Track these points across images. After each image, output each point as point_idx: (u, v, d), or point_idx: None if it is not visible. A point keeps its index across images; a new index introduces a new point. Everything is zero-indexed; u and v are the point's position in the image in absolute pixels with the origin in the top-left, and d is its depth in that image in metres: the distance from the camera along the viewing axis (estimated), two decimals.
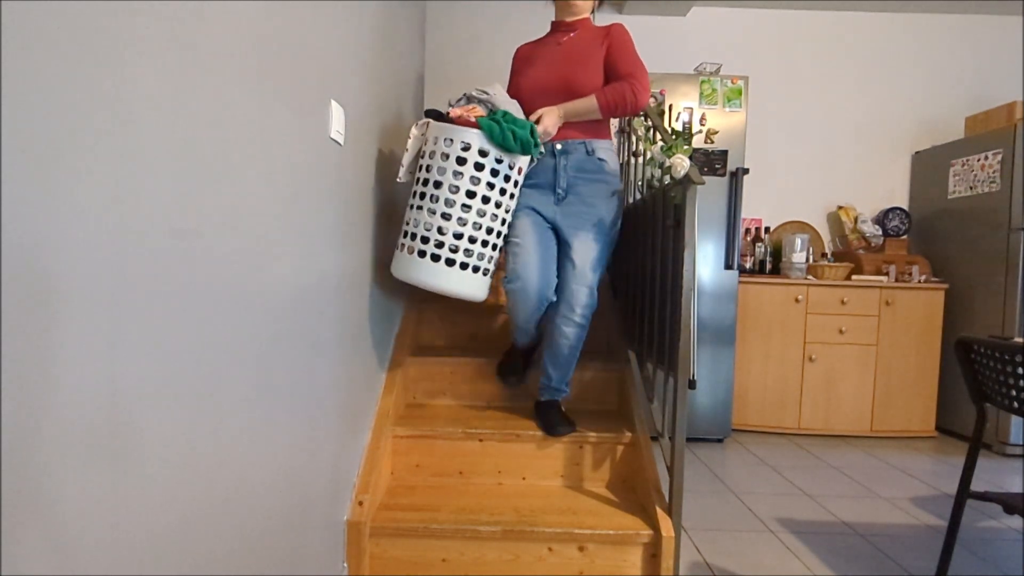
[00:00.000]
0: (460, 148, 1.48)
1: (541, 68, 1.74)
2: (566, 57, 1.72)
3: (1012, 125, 2.85)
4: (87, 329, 0.54)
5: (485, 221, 1.53)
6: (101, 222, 0.55)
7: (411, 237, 1.54)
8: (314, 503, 1.22)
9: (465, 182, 1.48)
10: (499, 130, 1.47)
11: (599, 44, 1.70)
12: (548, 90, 1.70)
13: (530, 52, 1.82)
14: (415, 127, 1.55)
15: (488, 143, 1.48)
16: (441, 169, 1.48)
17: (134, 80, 0.59)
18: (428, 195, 1.50)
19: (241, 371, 0.86)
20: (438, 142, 1.49)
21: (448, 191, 1.48)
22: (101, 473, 0.57)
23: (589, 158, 1.71)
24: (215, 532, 0.80)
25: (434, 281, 1.52)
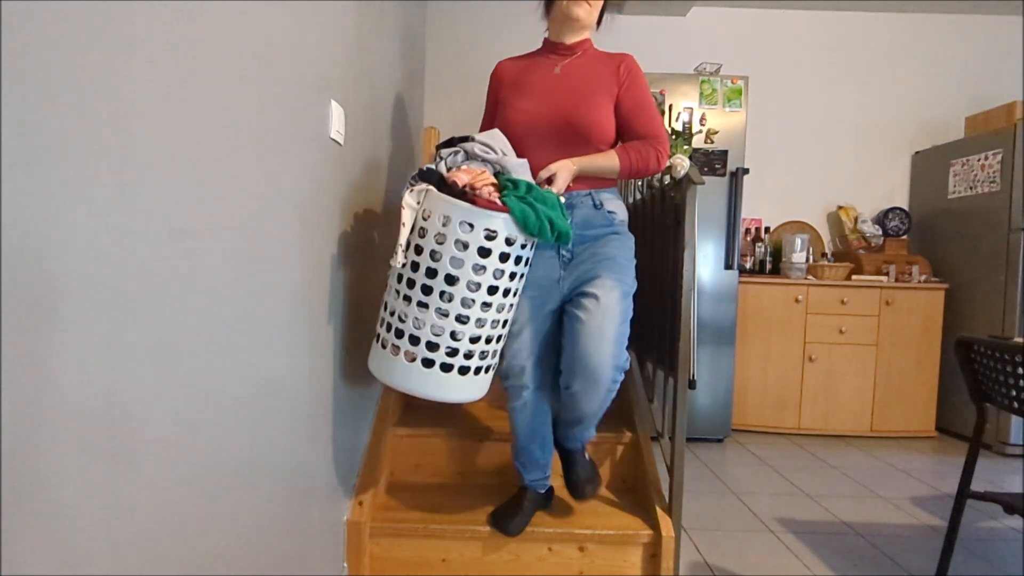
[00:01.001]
0: (483, 236, 1.14)
1: (534, 99, 1.40)
2: (568, 88, 1.40)
3: (1012, 125, 2.85)
4: (87, 329, 0.54)
5: (503, 315, 1.25)
6: (101, 222, 0.55)
7: (409, 340, 1.20)
8: (314, 503, 1.22)
9: (487, 277, 1.16)
10: (535, 218, 1.15)
11: (609, 77, 1.42)
12: (544, 128, 1.39)
13: (518, 76, 1.47)
14: (408, 194, 1.18)
15: (518, 231, 1.16)
16: (456, 261, 1.14)
17: (134, 80, 0.59)
18: (437, 291, 1.17)
19: (241, 371, 0.86)
20: (450, 224, 1.14)
21: (466, 288, 1.16)
22: (100, 473, 0.57)
23: (597, 212, 1.41)
24: (215, 532, 0.80)
25: (441, 393, 1.23)
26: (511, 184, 1.22)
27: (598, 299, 1.28)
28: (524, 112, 1.41)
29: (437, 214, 1.15)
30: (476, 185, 1.19)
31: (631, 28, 3.44)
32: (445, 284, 1.16)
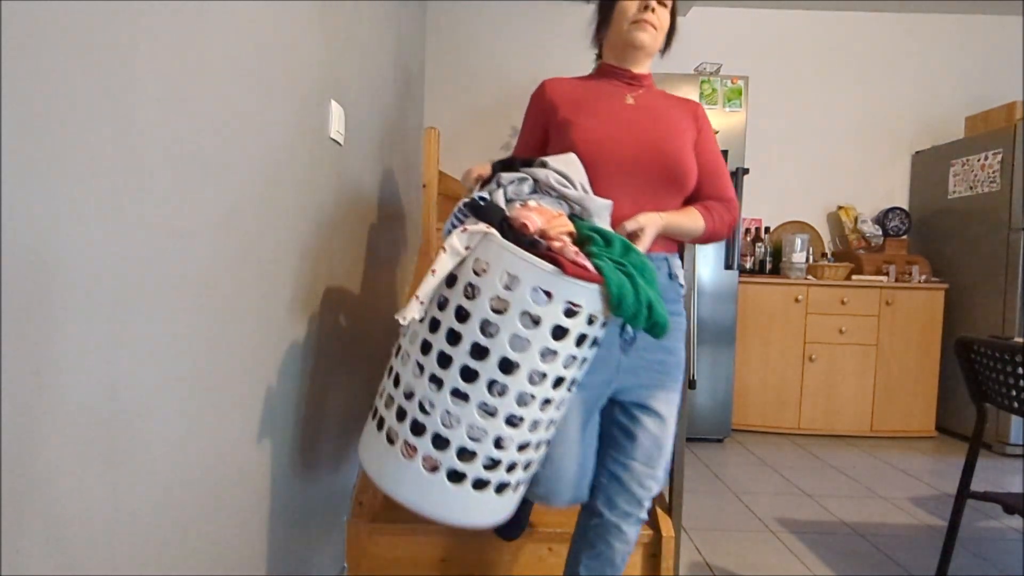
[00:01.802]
0: (563, 311, 0.81)
1: (611, 124, 1.13)
2: (652, 120, 1.16)
3: (1012, 125, 2.85)
4: (87, 329, 0.54)
5: (559, 413, 0.93)
6: (101, 222, 0.55)
7: (434, 441, 0.84)
8: (314, 503, 1.22)
9: (556, 366, 0.84)
10: (633, 298, 0.84)
11: (687, 122, 1.19)
12: (626, 159, 1.10)
13: (579, 96, 1.19)
14: (458, 234, 0.83)
15: (602, 309, 0.84)
16: (519, 341, 0.81)
17: (135, 80, 0.59)
18: (484, 379, 0.82)
19: (241, 371, 0.86)
20: (518, 289, 0.80)
21: (527, 380, 0.82)
22: (101, 473, 0.57)
23: (671, 284, 1.14)
24: (215, 532, 0.80)
25: (467, 517, 0.88)
26: (598, 237, 0.89)
27: (663, 420, 1.08)
28: (600, 136, 1.11)
29: (498, 271, 0.80)
30: (550, 234, 0.86)
31: None
32: (498, 371, 0.81)
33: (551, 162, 1.00)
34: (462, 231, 0.83)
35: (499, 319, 0.80)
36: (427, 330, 0.85)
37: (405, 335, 0.91)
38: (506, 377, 0.82)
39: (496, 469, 0.86)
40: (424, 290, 0.83)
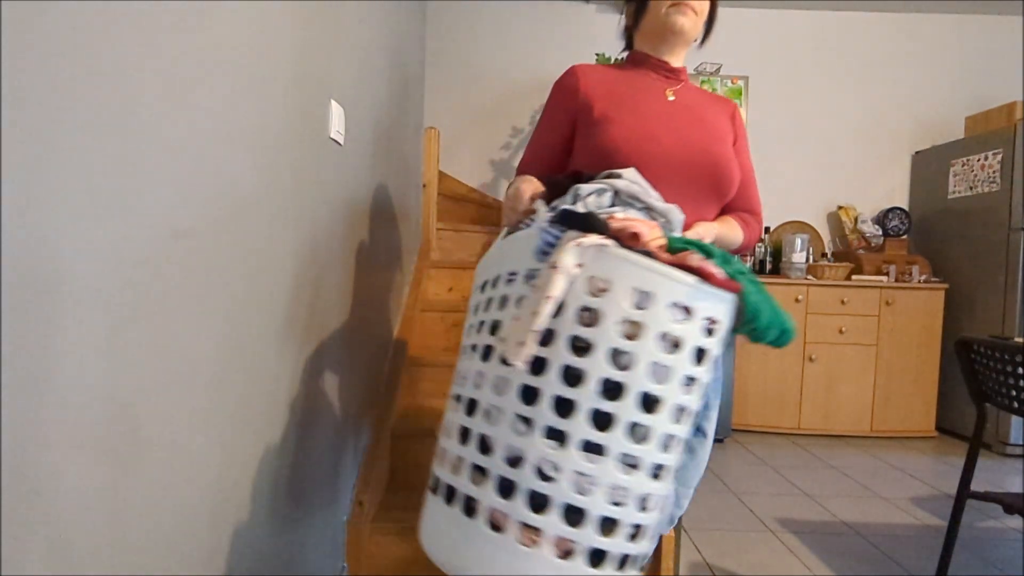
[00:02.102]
0: (703, 330, 0.69)
1: (656, 124, 1.02)
2: (694, 120, 1.06)
3: (1012, 125, 2.85)
4: (87, 329, 0.54)
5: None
6: (101, 222, 0.55)
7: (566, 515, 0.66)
8: (314, 503, 1.22)
9: (694, 397, 0.71)
10: (770, 310, 0.73)
11: (726, 124, 1.12)
12: (672, 162, 1.00)
13: (618, 89, 1.07)
14: (568, 252, 0.68)
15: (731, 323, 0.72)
16: (661, 370, 0.67)
17: (134, 80, 0.59)
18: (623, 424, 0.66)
19: (241, 370, 0.86)
20: (653, 307, 0.66)
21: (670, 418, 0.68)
22: (101, 473, 0.57)
23: None
24: (215, 532, 0.80)
25: None
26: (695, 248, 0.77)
27: (706, 437, 1.03)
28: (643, 136, 0.99)
29: (625, 289, 0.66)
30: (651, 247, 0.76)
31: None
32: (640, 411, 0.66)
33: (626, 174, 0.88)
34: (574, 245, 0.67)
35: (633, 346, 0.65)
36: (527, 374, 0.67)
37: (478, 384, 0.73)
38: (649, 417, 0.67)
39: (638, 539, 0.69)
40: (542, 320, 0.66)
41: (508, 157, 3.47)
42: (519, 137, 3.46)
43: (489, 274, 0.81)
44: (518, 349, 0.66)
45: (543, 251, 0.71)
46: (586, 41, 3.39)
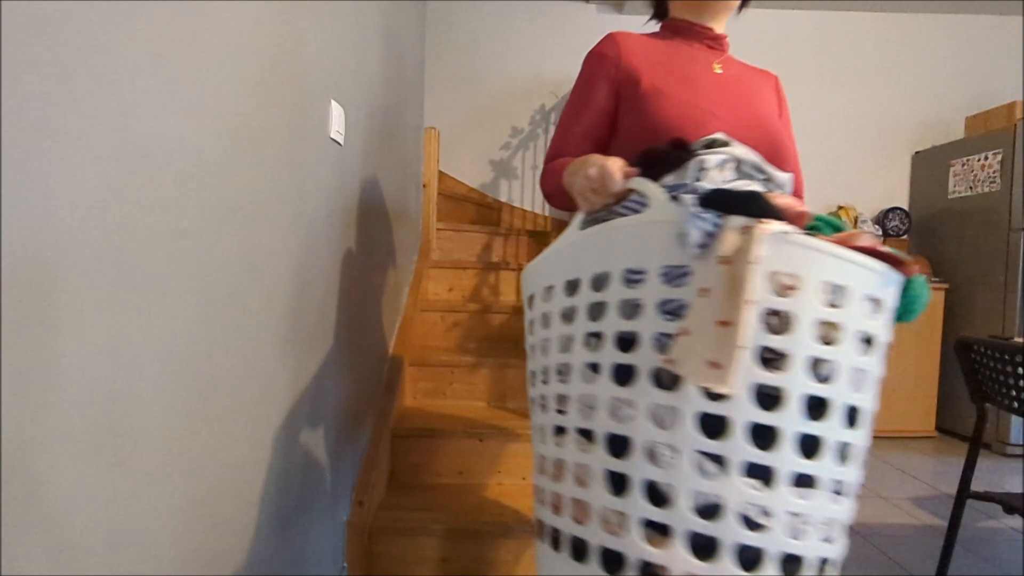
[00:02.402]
0: (888, 321, 0.61)
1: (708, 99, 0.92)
2: (746, 95, 0.97)
3: (1012, 125, 2.85)
4: (87, 329, 0.54)
5: None
6: (101, 221, 0.55)
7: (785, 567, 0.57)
8: (314, 503, 1.22)
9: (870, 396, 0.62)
10: (925, 291, 0.65)
11: (774, 99, 1.03)
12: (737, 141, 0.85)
13: (664, 59, 0.96)
14: (759, 241, 0.55)
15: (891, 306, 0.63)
16: (859, 377, 0.59)
17: (134, 79, 0.59)
18: (833, 449, 0.57)
19: (241, 371, 0.86)
20: (850, 300, 0.57)
21: (865, 427, 0.60)
22: (101, 473, 0.57)
23: None
24: (215, 532, 0.80)
25: None
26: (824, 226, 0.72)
27: None
28: (700, 112, 0.89)
29: (815, 284, 0.55)
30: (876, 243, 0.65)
31: (632, 28, 3.44)
32: (845, 428, 0.57)
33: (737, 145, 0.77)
34: (762, 233, 0.54)
35: (833, 352, 0.55)
36: (704, 399, 0.54)
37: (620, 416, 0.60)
38: (853, 433, 0.57)
39: (828, 569, 0.61)
40: (746, 333, 0.52)
41: (508, 157, 3.47)
42: (519, 137, 3.46)
43: (572, 273, 0.67)
44: (718, 373, 0.52)
45: (701, 243, 0.56)
46: (586, 41, 3.39)
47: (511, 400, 2.01)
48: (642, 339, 0.59)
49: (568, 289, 0.69)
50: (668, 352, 0.56)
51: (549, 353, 0.71)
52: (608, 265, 0.64)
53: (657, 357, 0.57)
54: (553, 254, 0.72)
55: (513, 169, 3.47)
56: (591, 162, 0.74)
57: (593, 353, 0.64)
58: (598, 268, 0.65)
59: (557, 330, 0.70)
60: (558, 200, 0.94)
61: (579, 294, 0.66)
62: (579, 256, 0.68)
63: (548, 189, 0.96)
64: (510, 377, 2.02)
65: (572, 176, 0.78)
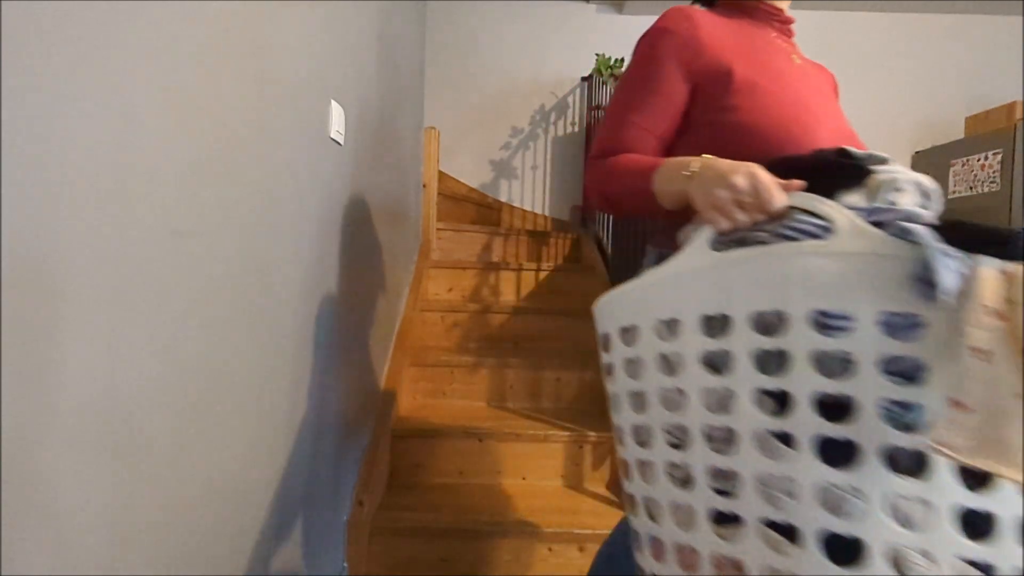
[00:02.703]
0: None
1: (804, 94, 0.79)
2: (829, 95, 0.89)
3: (1012, 125, 2.85)
4: (87, 329, 0.54)
5: None
6: (101, 222, 0.55)
7: None
8: (314, 503, 1.22)
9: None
10: None
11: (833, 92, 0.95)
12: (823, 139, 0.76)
13: (738, 41, 0.81)
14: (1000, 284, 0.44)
15: None
16: None
17: (134, 80, 0.59)
18: None
19: (241, 370, 0.86)
20: None
21: None
22: (101, 473, 0.57)
23: None
24: (215, 532, 0.80)
25: None
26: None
27: None
28: (799, 112, 0.76)
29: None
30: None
31: (631, 28, 3.44)
32: None
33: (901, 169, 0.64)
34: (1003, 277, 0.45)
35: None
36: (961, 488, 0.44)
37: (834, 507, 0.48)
38: None
39: None
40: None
41: (508, 157, 3.47)
42: (519, 137, 3.46)
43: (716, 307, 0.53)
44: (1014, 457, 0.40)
45: (953, 289, 0.44)
46: (586, 41, 3.39)
47: (511, 400, 2.01)
48: (862, 407, 0.45)
49: (708, 326, 0.53)
50: (930, 431, 0.43)
51: (684, 409, 0.55)
52: (782, 302, 0.49)
53: (892, 433, 0.45)
54: (672, 280, 0.57)
55: (513, 169, 3.47)
56: (735, 169, 0.59)
57: (779, 419, 0.49)
58: (763, 304, 0.50)
59: (695, 379, 0.54)
60: (614, 205, 0.79)
61: (733, 335, 0.51)
62: (726, 286, 0.52)
63: (607, 190, 0.78)
64: (510, 377, 2.02)
65: (680, 182, 0.65)
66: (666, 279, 0.58)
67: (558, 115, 3.45)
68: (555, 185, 3.47)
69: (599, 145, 0.83)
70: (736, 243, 0.57)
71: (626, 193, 0.76)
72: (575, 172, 3.45)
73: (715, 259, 0.55)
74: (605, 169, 0.79)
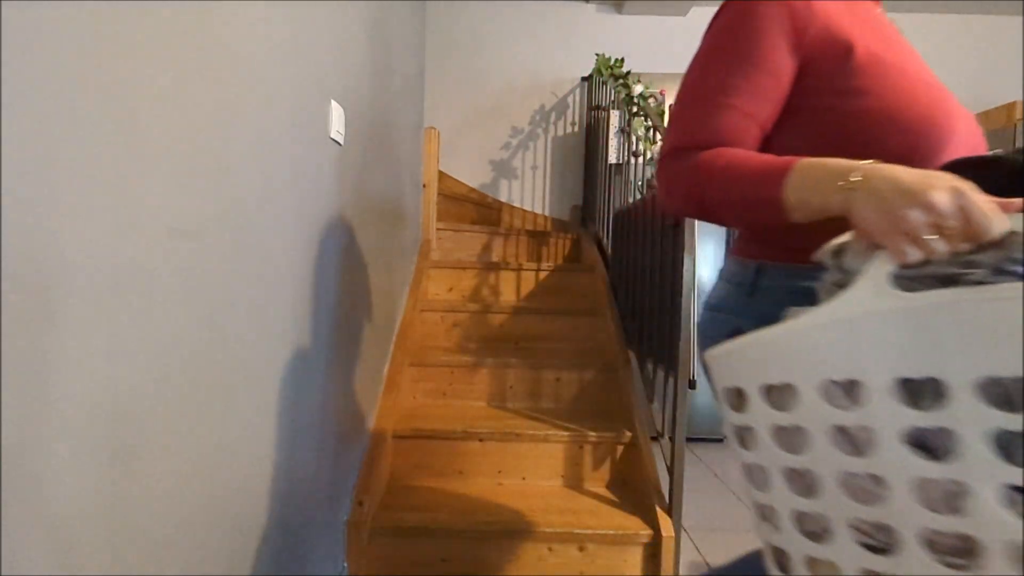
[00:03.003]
0: None
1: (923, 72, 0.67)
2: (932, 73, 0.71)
3: (1012, 125, 2.85)
4: (87, 329, 0.54)
5: None
6: (101, 222, 0.55)
7: None
8: (314, 503, 1.22)
9: None
10: None
11: None
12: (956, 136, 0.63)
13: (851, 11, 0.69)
14: None
15: None
16: None
17: (134, 80, 0.59)
18: None
19: (241, 370, 0.86)
20: None
21: None
22: (101, 473, 0.57)
23: None
24: (215, 532, 0.80)
25: None
26: None
27: None
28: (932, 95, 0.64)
29: None
30: None
31: (631, 28, 3.44)
32: None
33: None
34: None
35: None
36: None
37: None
38: None
39: None
40: None
41: (508, 157, 3.47)
42: (519, 137, 3.46)
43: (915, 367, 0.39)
44: None
45: None
46: (586, 41, 3.39)
47: (511, 400, 2.01)
48: None
49: (909, 392, 0.40)
50: None
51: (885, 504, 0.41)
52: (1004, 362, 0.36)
53: None
54: (845, 328, 0.43)
55: (513, 169, 3.47)
56: (930, 183, 0.45)
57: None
58: (998, 368, 0.36)
59: (902, 465, 0.40)
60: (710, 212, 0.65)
61: (954, 406, 0.37)
62: (935, 341, 0.39)
63: (705, 195, 0.63)
64: (510, 377, 2.02)
65: (835, 194, 0.51)
66: (834, 325, 0.43)
67: (558, 115, 3.45)
68: (555, 185, 3.47)
69: (683, 137, 0.67)
70: (932, 281, 0.43)
71: (736, 201, 0.60)
72: (575, 172, 3.45)
73: (908, 303, 0.40)
74: (699, 168, 0.63)
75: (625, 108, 2.25)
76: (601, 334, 2.23)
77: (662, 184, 0.69)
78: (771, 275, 0.68)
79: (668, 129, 0.70)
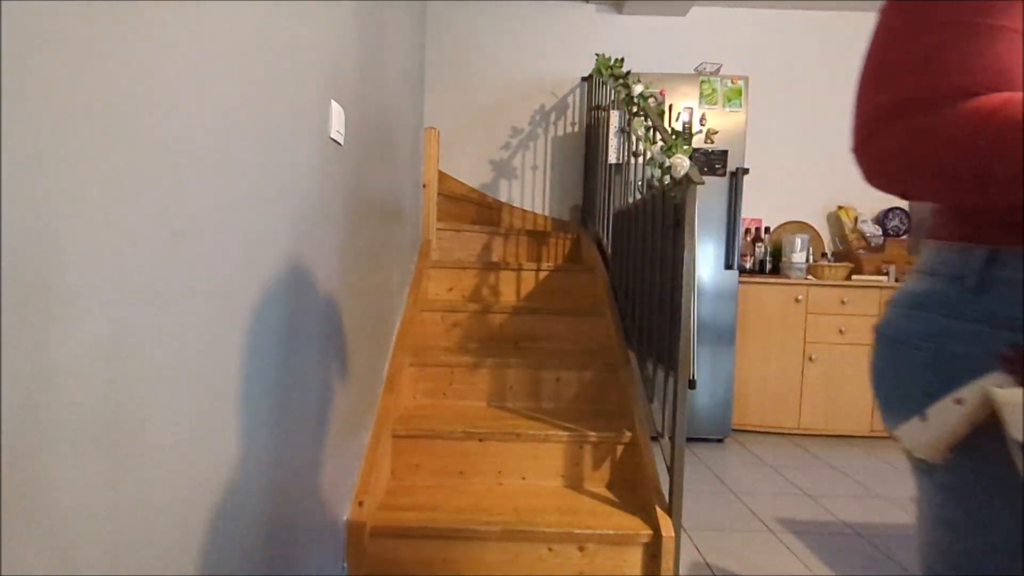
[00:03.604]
0: None
1: None
2: None
3: None
4: (87, 329, 0.54)
5: None
6: (101, 222, 0.55)
7: None
8: (314, 503, 1.22)
9: None
10: None
11: None
12: None
13: None
14: None
15: None
16: None
17: (134, 80, 0.59)
18: None
19: (241, 371, 0.86)
20: None
21: None
22: (101, 474, 0.57)
23: None
24: (215, 532, 0.80)
25: None
26: None
27: None
28: None
29: None
30: None
31: (631, 28, 3.44)
32: None
33: None
34: None
35: None
36: None
37: None
38: None
39: None
40: None
41: (508, 157, 3.47)
42: (519, 137, 3.46)
43: None
44: None
45: None
46: (586, 41, 3.39)
47: (511, 400, 2.01)
48: None
49: None
50: None
51: None
52: None
53: None
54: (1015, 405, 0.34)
55: (513, 169, 3.47)
56: None
57: None
58: None
59: None
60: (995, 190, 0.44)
61: None
62: None
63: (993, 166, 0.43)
64: (510, 377, 2.02)
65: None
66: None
67: (558, 115, 3.45)
68: (555, 185, 3.47)
69: (923, 82, 0.47)
70: None
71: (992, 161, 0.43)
72: (575, 172, 3.45)
73: None
74: (976, 125, 0.44)
75: (625, 108, 2.25)
76: (601, 334, 2.23)
77: (890, 158, 0.49)
78: (1011, 265, 0.49)
79: (878, 76, 0.50)
